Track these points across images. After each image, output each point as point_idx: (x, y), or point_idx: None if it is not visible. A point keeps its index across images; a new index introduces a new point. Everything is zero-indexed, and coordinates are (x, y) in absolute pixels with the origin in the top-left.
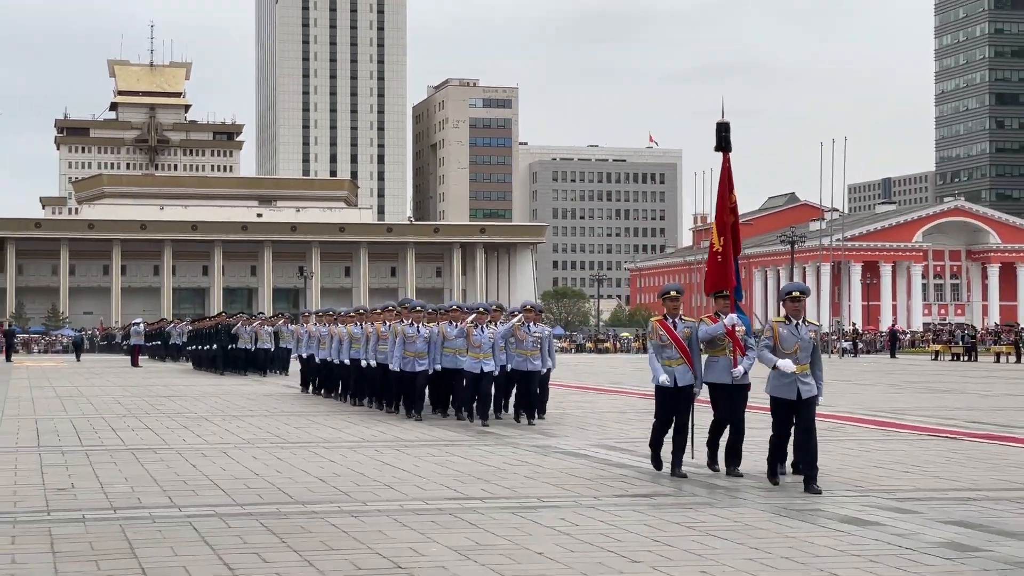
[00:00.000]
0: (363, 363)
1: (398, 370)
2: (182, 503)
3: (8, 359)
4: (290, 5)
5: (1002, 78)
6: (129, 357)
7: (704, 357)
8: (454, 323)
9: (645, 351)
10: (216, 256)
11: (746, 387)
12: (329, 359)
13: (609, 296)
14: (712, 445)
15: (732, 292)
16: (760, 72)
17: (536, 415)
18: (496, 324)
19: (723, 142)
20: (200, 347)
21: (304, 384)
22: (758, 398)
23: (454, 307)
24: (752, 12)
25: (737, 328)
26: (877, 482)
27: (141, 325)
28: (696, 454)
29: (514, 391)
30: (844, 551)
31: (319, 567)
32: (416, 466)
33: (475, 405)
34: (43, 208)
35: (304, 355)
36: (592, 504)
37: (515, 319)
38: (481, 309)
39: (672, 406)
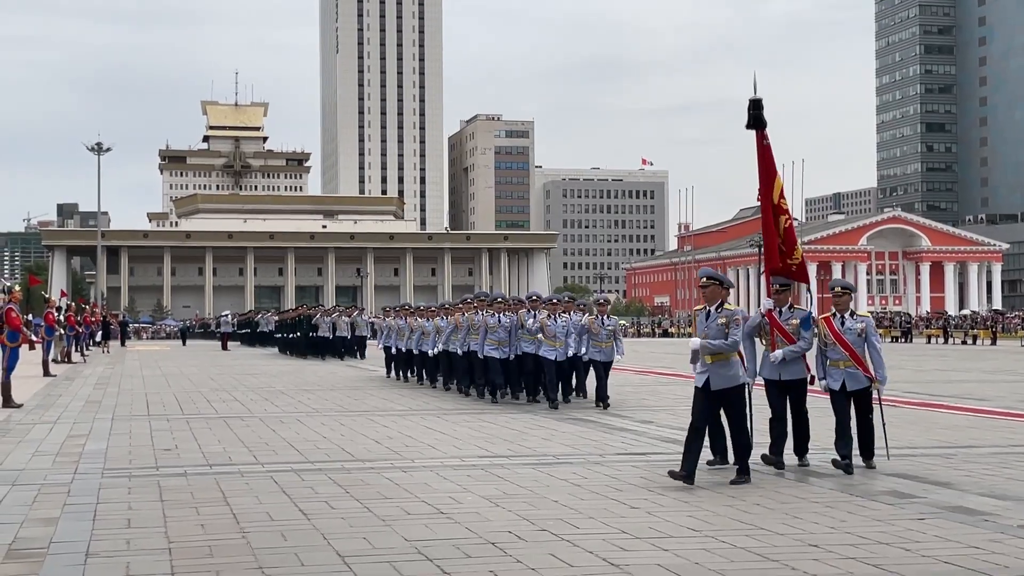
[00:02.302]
0: (451, 350)
1: (482, 357)
2: (264, 460)
3: (123, 344)
4: (348, 56)
5: (931, 110)
6: (220, 343)
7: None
8: (531, 312)
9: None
10: (289, 260)
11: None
12: (406, 349)
13: (609, 291)
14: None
15: (768, 275)
16: (731, 107)
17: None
18: (569, 314)
19: (754, 120)
20: (285, 335)
21: (388, 370)
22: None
23: (533, 297)
24: (722, 60)
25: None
26: (831, 442)
27: (229, 316)
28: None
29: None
30: (805, 498)
31: (376, 512)
32: (454, 430)
33: (547, 388)
34: (149, 222)
35: (386, 345)
36: (598, 461)
37: (586, 316)
38: (555, 300)
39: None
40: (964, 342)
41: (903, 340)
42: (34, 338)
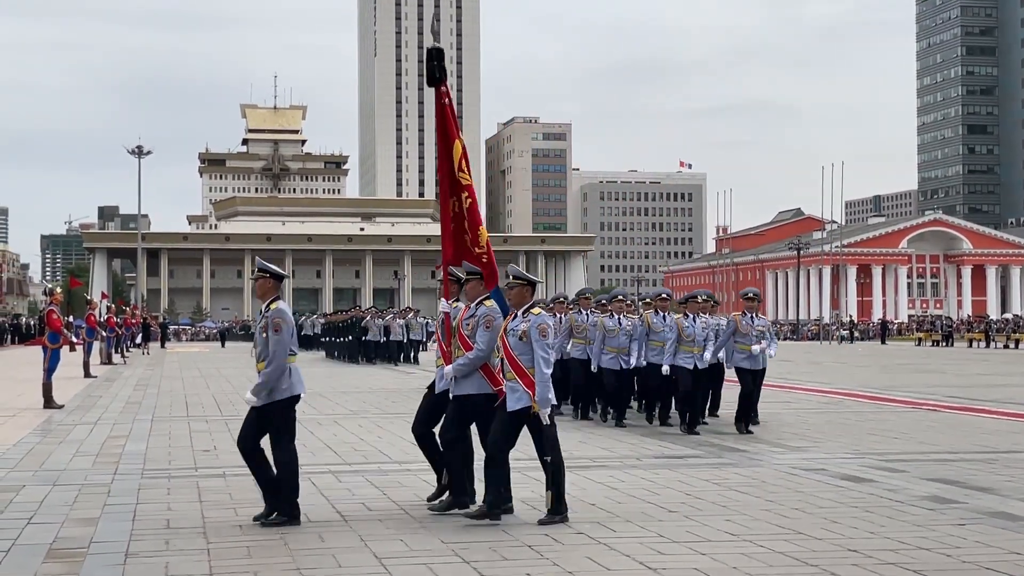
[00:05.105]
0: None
1: (595, 369)
2: (302, 462)
3: (163, 346)
4: (386, 59)
5: (973, 112)
6: None
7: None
8: (660, 313)
9: None
10: (327, 262)
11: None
12: None
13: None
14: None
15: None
16: (770, 109)
17: (752, 421)
18: (707, 315)
19: (436, 72)
20: (332, 338)
21: None
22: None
23: (662, 296)
24: (761, 62)
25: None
26: (871, 447)
27: None
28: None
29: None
30: (844, 503)
31: (412, 515)
32: None
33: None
34: (189, 224)
35: None
36: (635, 465)
37: (733, 315)
38: (702, 297)
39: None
40: (1006, 346)
41: (944, 344)
42: (75, 340)
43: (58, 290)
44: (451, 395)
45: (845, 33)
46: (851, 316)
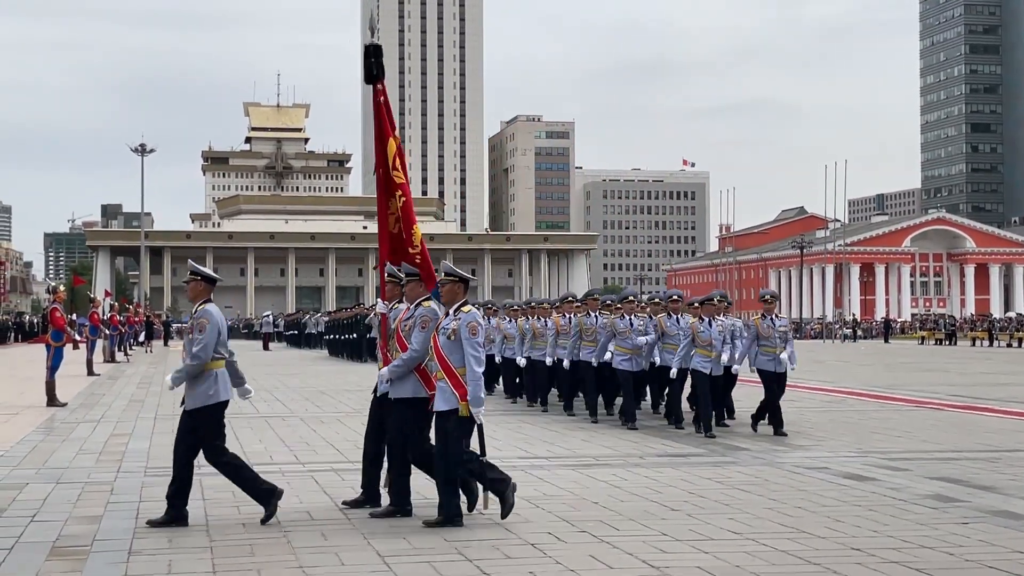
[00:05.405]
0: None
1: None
2: (305, 460)
3: (165, 344)
4: (389, 57)
5: (976, 110)
6: (261, 343)
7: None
8: (673, 316)
9: None
10: (330, 261)
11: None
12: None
13: (648, 292)
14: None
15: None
16: (773, 108)
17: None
18: (722, 317)
19: (374, 68)
20: (336, 336)
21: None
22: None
23: (673, 297)
24: (764, 61)
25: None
26: (874, 445)
27: (270, 317)
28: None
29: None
30: (847, 501)
31: (416, 513)
32: (493, 431)
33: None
34: (192, 222)
35: None
36: (637, 463)
37: (749, 316)
38: (718, 298)
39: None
40: (1009, 345)
41: (947, 343)
42: (78, 337)
43: (61, 288)
44: (390, 397)
45: (848, 32)
46: (854, 315)
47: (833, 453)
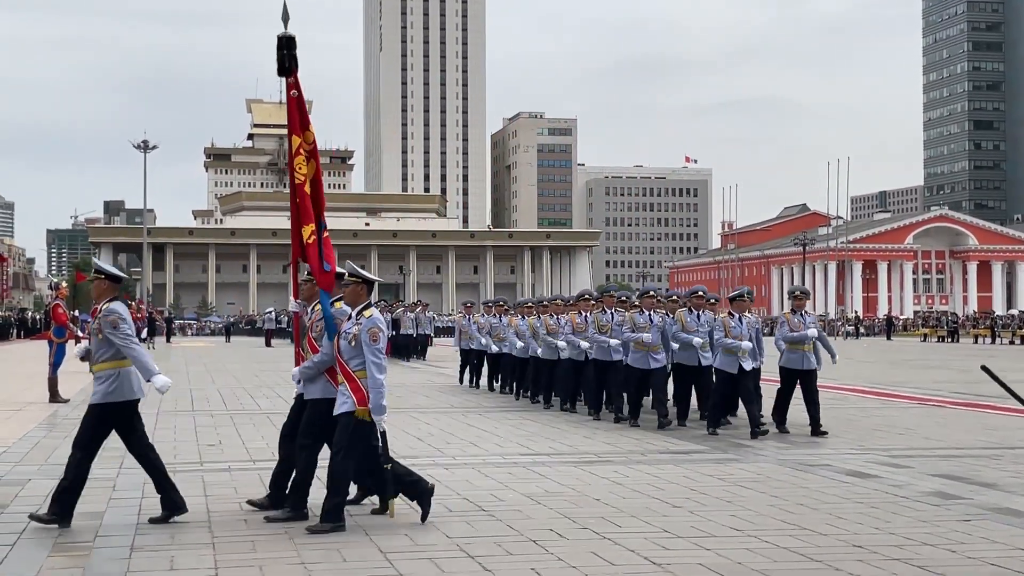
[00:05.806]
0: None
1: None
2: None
3: (168, 340)
4: (392, 54)
5: (979, 108)
6: (264, 339)
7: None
8: (694, 311)
9: None
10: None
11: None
12: (498, 351)
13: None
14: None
15: (294, 267)
16: (776, 105)
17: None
18: (749, 314)
19: (287, 61)
20: None
21: (462, 376)
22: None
23: (698, 294)
24: (767, 58)
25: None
26: (876, 442)
27: (273, 313)
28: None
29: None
30: (849, 498)
31: (418, 509)
32: (495, 428)
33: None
34: (195, 219)
35: (469, 348)
36: (640, 460)
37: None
38: (746, 293)
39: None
40: (1012, 342)
41: (950, 340)
42: (80, 334)
43: (64, 284)
44: (304, 397)
45: (850, 29)
46: (856, 312)
47: (835, 450)
